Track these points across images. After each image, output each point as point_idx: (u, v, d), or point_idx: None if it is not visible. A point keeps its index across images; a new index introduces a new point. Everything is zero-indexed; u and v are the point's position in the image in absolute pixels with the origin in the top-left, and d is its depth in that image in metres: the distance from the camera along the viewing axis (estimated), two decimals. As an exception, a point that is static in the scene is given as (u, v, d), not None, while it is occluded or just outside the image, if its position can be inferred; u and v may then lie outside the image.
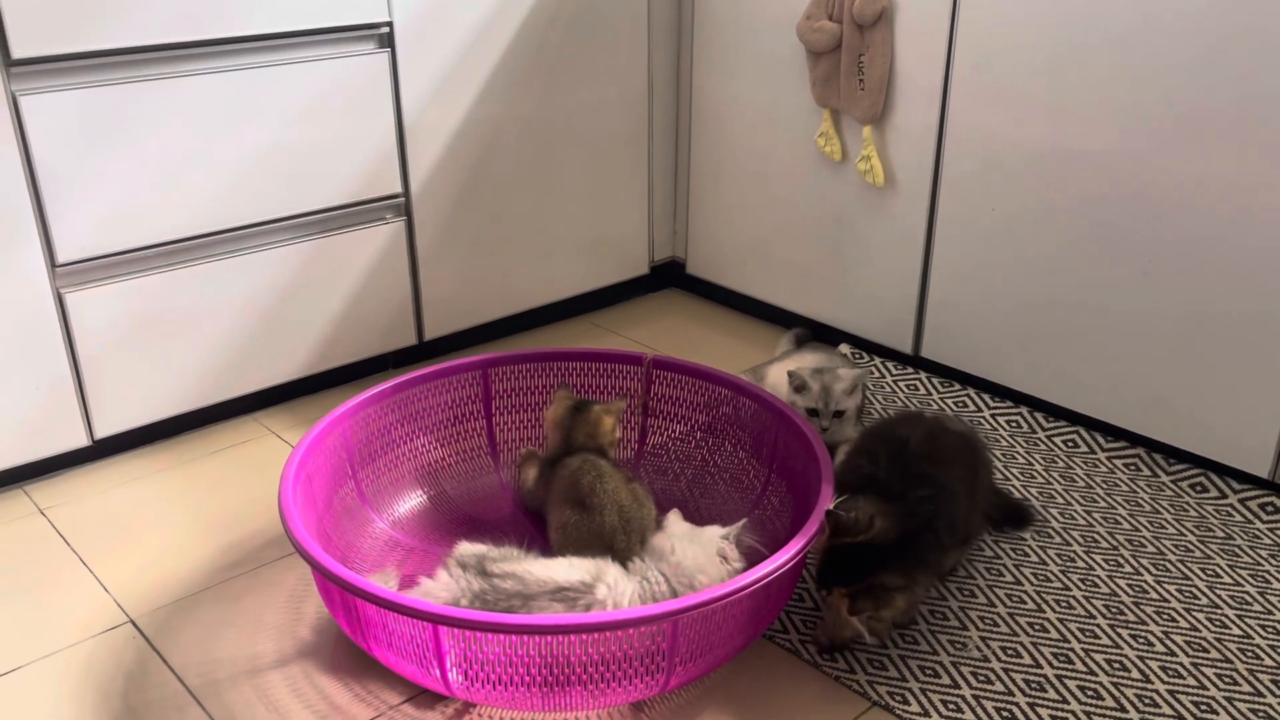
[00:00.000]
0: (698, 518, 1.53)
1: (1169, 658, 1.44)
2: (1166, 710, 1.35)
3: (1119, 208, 1.81)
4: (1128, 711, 1.35)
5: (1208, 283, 1.74)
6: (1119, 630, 1.48)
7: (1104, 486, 1.82)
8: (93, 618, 1.52)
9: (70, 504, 1.78)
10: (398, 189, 2.08)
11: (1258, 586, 1.57)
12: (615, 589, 1.34)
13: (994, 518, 1.66)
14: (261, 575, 1.60)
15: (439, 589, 1.35)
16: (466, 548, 1.41)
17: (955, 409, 2.06)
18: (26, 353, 1.74)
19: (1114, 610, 1.52)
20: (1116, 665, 1.42)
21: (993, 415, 2.03)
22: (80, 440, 1.84)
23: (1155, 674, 1.41)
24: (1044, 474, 1.86)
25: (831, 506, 1.36)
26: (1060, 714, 1.34)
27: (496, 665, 1.24)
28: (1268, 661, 1.43)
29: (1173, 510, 1.75)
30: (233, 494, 1.80)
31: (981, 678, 1.40)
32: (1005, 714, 1.34)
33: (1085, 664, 1.42)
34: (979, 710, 1.34)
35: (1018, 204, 1.94)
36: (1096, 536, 1.69)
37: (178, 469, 1.88)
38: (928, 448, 1.47)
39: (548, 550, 1.44)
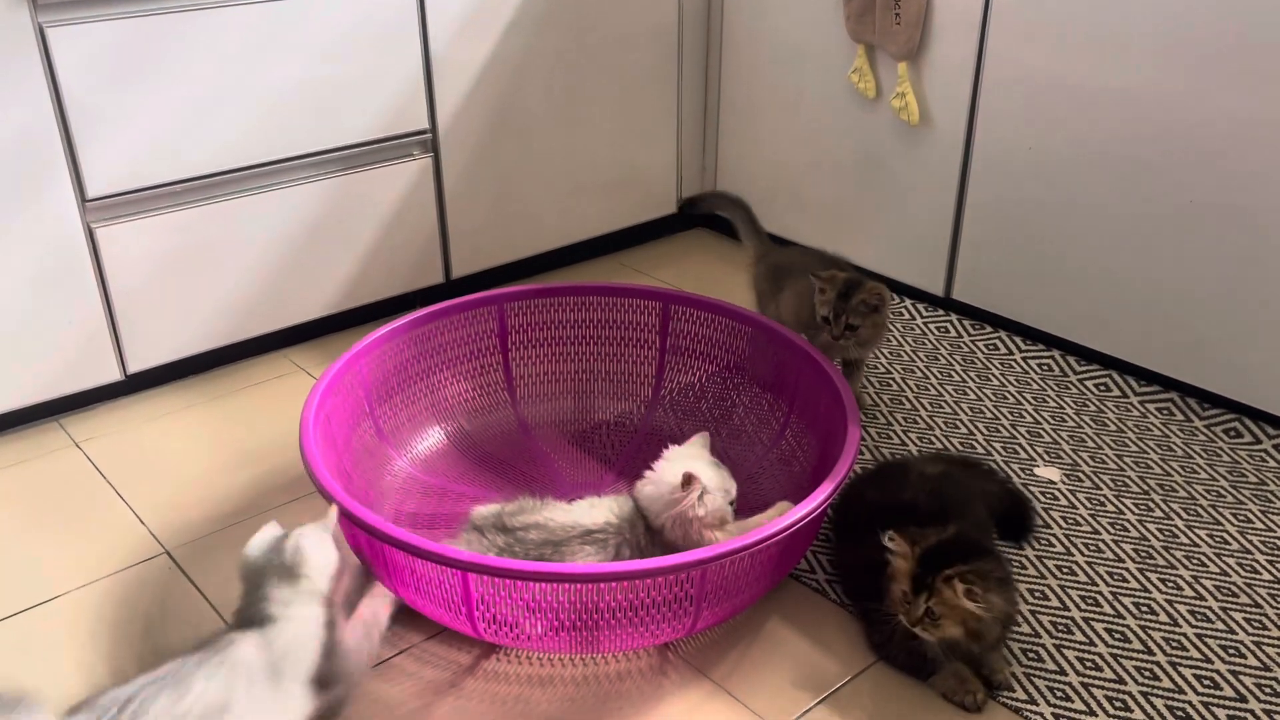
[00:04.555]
0: (719, 456, 1.53)
1: (1198, 602, 1.43)
2: (1194, 653, 1.35)
3: (1161, 147, 1.77)
4: (1154, 654, 1.35)
5: (1250, 225, 1.70)
6: (1148, 574, 1.48)
7: (1136, 431, 1.81)
8: (129, 548, 1.55)
9: (104, 437, 1.80)
10: (425, 125, 2.06)
11: (1290, 532, 1.56)
12: (638, 529, 1.35)
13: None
14: (293, 509, 1.62)
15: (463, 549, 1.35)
16: (479, 511, 1.40)
17: (986, 351, 2.04)
18: (59, 288, 1.75)
19: (1143, 554, 1.52)
20: (1145, 609, 1.42)
21: (1024, 358, 2.01)
22: (113, 375, 1.86)
23: (1184, 618, 1.40)
24: (1075, 418, 1.84)
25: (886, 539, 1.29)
26: (1087, 656, 1.34)
27: (524, 611, 1.26)
28: (1298, 607, 1.42)
29: (1205, 455, 1.74)
30: (264, 429, 1.82)
31: (1008, 619, 1.40)
32: (1032, 656, 1.34)
33: (1113, 607, 1.42)
34: (1005, 651, 1.34)
35: (1056, 143, 1.90)
36: (1127, 481, 1.68)
37: (210, 404, 1.90)
38: (937, 504, 1.40)
39: (561, 498, 1.43)
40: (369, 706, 1.28)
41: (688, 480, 1.35)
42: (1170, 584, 1.46)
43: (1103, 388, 1.92)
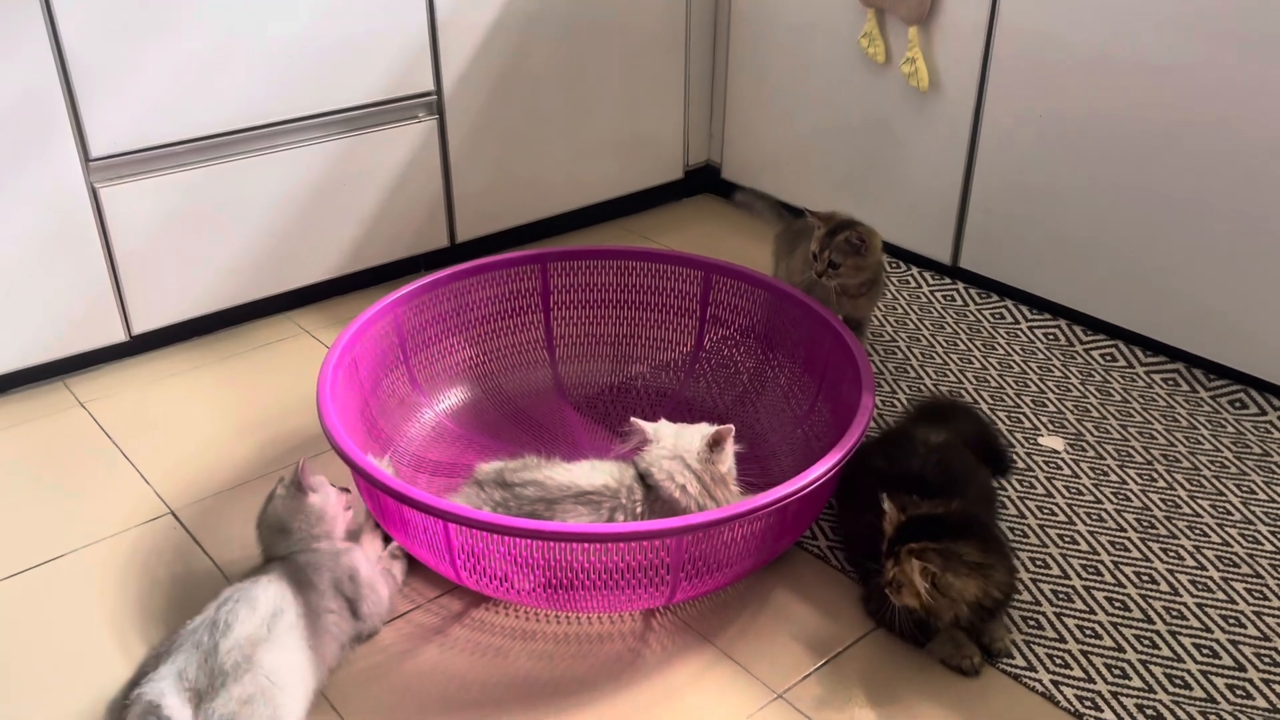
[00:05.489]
0: (744, 431, 1.53)
1: (1199, 571, 1.43)
2: (1194, 622, 1.35)
3: (1172, 116, 1.75)
4: (1154, 623, 1.35)
5: (1260, 195, 1.69)
6: (1149, 544, 1.48)
7: (1141, 401, 1.80)
8: (134, 508, 1.55)
9: (110, 398, 1.81)
10: (430, 86, 2.05)
11: (1293, 504, 1.56)
12: (635, 495, 1.35)
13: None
14: (298, 471, 1.62)
15: (460, 502, 1.37)
16: (483, 467, 1.42)
17: (992, 320, 2.03)
18: (64, 248, 1.75)
19: (1145, 524, 1.52)
20: (1145, 578, 1.42)
21: (1030, 327, 2.01)
22: (118, 335, 1.86)
23: (1184, 587, 1.41)
24: (1080, 387, 1.84)
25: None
26: (1087, 624, 1.35)
27: (502, 563, 1.27)
28: (1299, 578, 1.43)
29: (1210, 426, 1.74)
30: (269, 392, 1.82)
31: (1009, 587, 1.40)
32: (1032, 623, 1.35)
33: (1114, 576, 1.42)
34: (1006, 619, 1.35)
35: (1067, 110, 1.88)
36: (1131, 451, 1.67)
37: (214, 366, 1.90)
38: (943, 475, 1.39)
39: (571, 458, 1.43)
40: (360, 646, 1.31)
41: (719, 440, 1.36)
42: (1172, 554, 1.47)
43: (1108, 358, 1.92)
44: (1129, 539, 1.49)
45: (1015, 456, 1.65)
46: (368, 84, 1.96)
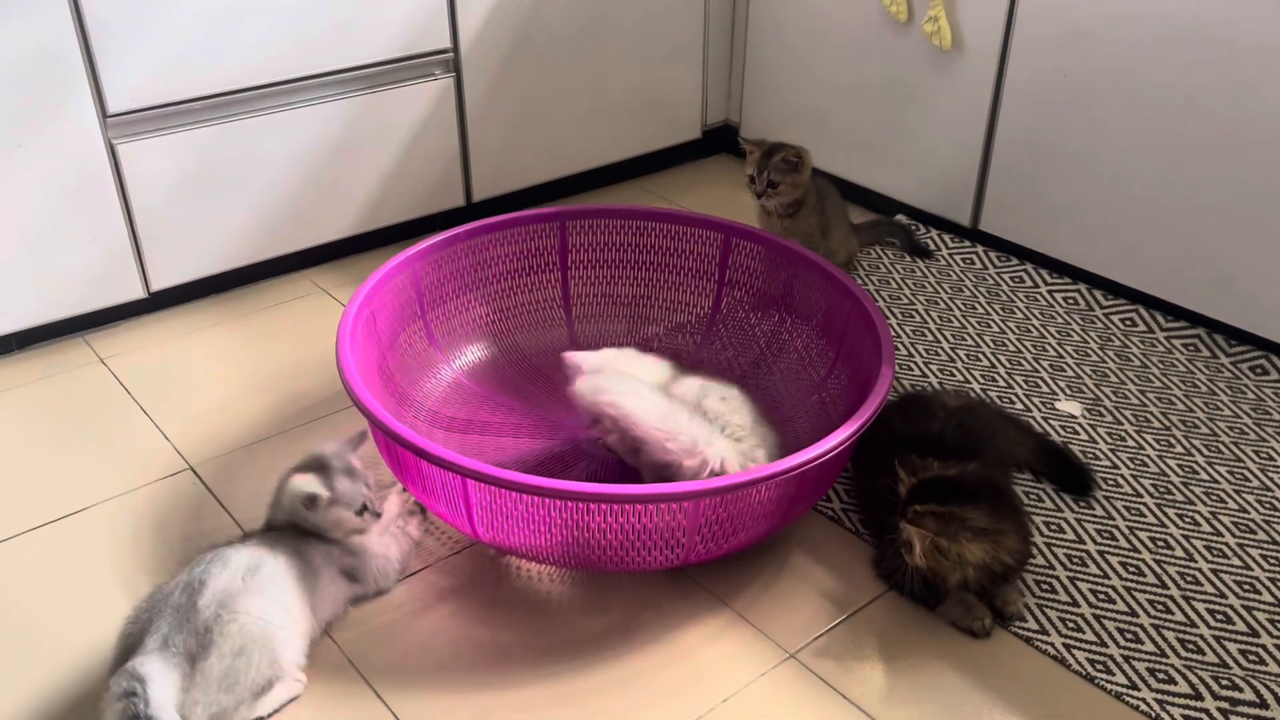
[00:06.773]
0: (760, 395, 1.53)
1: (1215, 537, 1.43)
2: (1209, 588, 1.35)
3: (1198, 76, 1.72)
4: (1168, 588, 1.35)
5: (1288, 158, 1.66)
6: (1165, 509, 1.48)
7: (1160, 366, 1.79)
8: (153, 463, 1.57)
9: (129, 354, 1.82)
10: (447, 44, 2.03)
11: (1312, 471, 1.55)
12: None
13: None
14: (315, 429, 1.63)
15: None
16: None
17: (1012, 284, 2.02)
18: (82, 204, 1.75)
19: (1162, 490, 1.51)
20: (1160, 543, 1.42)
21: (1050, 291, 1.99)
22: (137, 292, 1.87)
23: (1199, 553, 1.40)
24: (1099, 352, 1.82)
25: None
26: (1100, 589, 1.35)
27: (519, 520, 1.27)
28: (1316, 545, 1.42)
29: (1230, 392, 1.72)
30: (286, 350, 1.83)
31: (1023, 550, 1.40)
32: (1045, 586, 1.35)
33: (1129, 541, 1.42)
34: (1019, 584, 1.35)
35: (1092, 70, 1.85)
36: (1149, 416, 1.66)
37: (232, 323, 1.91)
38: (964, 441, 1.38)
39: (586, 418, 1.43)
40: (375, 604, 1.32)
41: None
42: (1187, 519, 1.46)
43: (1128, 322, 1.90)
44: (1145, 504, 1.49)
45: (1032, 421, 1.65)
46: (384, 41, 1.95)
